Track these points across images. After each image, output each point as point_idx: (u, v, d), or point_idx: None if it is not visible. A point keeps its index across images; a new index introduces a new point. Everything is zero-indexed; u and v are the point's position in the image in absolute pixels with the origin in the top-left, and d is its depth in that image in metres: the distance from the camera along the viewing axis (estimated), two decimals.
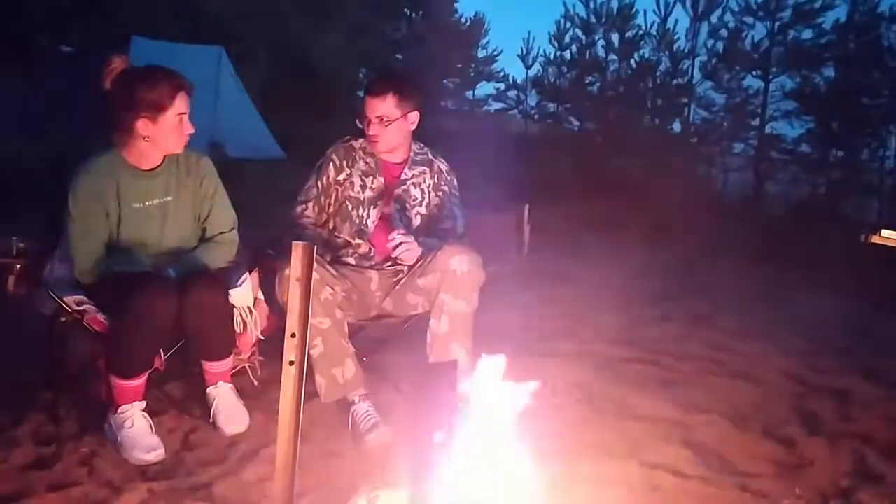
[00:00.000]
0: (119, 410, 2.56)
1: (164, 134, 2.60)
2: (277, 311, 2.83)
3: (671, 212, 7.20)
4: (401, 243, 2.81)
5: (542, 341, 3.84)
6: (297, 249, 1.95)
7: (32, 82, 11.20)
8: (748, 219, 8.10)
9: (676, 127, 14.83)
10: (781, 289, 5.38)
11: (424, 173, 3.07)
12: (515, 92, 19.96)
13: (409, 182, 3.05)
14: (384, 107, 2.92)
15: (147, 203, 2.69)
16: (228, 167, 2.91)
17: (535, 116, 18.85)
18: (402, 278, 2.94)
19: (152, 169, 2.70)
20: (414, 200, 3.04)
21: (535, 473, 2.06)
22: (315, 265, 2.67)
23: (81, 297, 2.62)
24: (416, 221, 3.03)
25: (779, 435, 2.92)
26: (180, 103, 2.62)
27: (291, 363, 1.94)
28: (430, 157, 3.13)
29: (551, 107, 18.10)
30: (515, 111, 19.94)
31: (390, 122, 2.92)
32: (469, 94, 23.01)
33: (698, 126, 14.42)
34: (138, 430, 2.55)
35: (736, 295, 5.14)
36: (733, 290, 5.25)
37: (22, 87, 11.17)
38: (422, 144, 3.14)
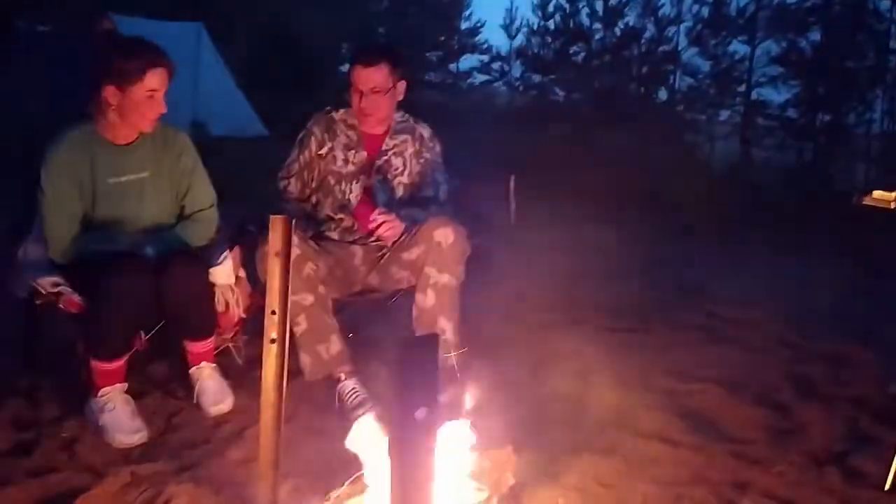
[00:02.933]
0: (100, 394, 2.50)
1: (130, 107, 2.51)
2: (260, 289, 2.77)
3: (659, 180, 7.15)
4: (382, 223, 2.74)
5: (532, 312, 3.81)
6: (275, 224, 1.89)
7: (9, 62, 10.99)
8: (736, 186, 8.07)
9: (662, 95, 14.78)
10: (772, 255, 5.36)
11: (406, 142, 3.00)
12: (500, 63, 19.81)
13: (390, 152, 2.97)
14: (378, 77, 2.82)
15: (123, 178, 2.60)
16: (211, 146, 2.84)
17: (521, 88, 18.73)
18: (386, 252, 2.88)
19: (127, 144, 2.62)
20: (395, 170, 2.97)
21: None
22: (297, 240, 2.63)
23: (57, 279, 2.54)
24: (399, 191, 2.96)
25: (772, 401, 2.91)
26: (152, 80, 2.52)
27: (273, 341, 1.88)
28: (412, 123, 3.05)
29: (536, 78, 17.98)
30: (500, 83, 19.82)
31: (384, 93, 2.84)
32: (453, 66, 22.81)
33: (684, 93, 14.37)
34: (120, 413, 2.49)
35: (726, 262, 5.12)
36: (723, 258, 5.24)
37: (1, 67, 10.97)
38: (403, 112, 3.06)
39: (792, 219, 6.44)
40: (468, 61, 21.69)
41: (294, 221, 1.91)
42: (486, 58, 20.83)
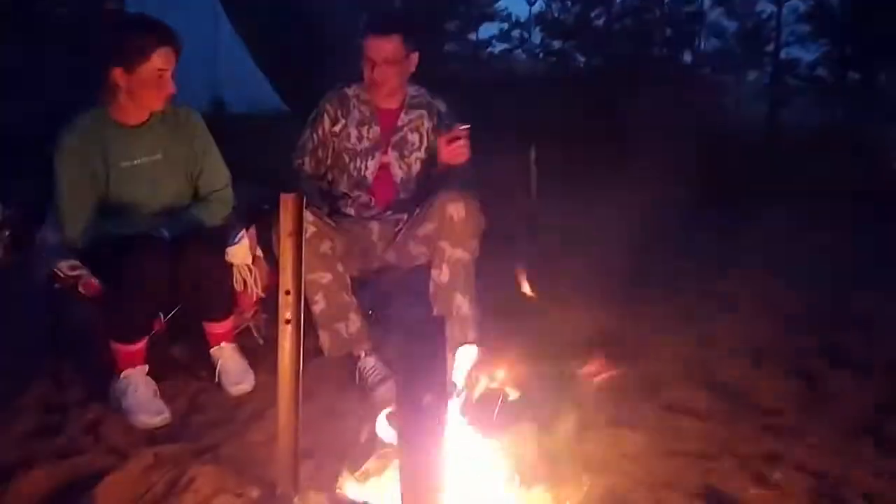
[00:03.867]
0: (122, 376, 2.51)
1: (140, 88, 2.49)
2: (277, 268, 2.74)
3: (685, 146, 7.00)
4: (460, 142, 2.70)
5: (555, 285, 3.74)
6: (286, 202, 1.86)
7: (31, 47, 11.04)
8: (764, 149, 7.90)
9: (687, 57, 14.47)
10: (802, 219, 5.23)
11: (422, 117, 2.94)
12: (519, 31, 19.53)
13: (405, 128, 2.92)
14: (390, 47, 2.77)
15: (136, 161, 2.59)
16: (231, 123, 2.81)
17: (541, 55, 18.47)
18: (402, 228, 2.84)
19: (138, 125, 2.59)
20: (412, 146, 2.92)
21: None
22: (313, 218, 2.60)
23: (75, 263, 2.54)
24: (416, 167, 2.91)
25: (802, 370, 2.84)
26: (160, 59, 2.49)
27: (288, 321, 1.86)
28: (429, 98, 2.99)
29: (556, 44, 17.71)
30: (520, 51, 19.55)
31: (396, 64, 2.78)
32: (472, 36, 22.53)
33: (710, 55, 14.05)
34: (142, 395, 2.50)
35: (754, 229, 5.00)
36: (752, 224, 5.11)
37: (21, 52, 11.01)
38: (418, 87, 3.00)
39: (822, 182, 6.27)
40: (487, 30, 21.43)
41: (308, 199, 1.88)
42: (505, 25, 20.56)
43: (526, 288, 2.40)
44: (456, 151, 2.74)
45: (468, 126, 2.73)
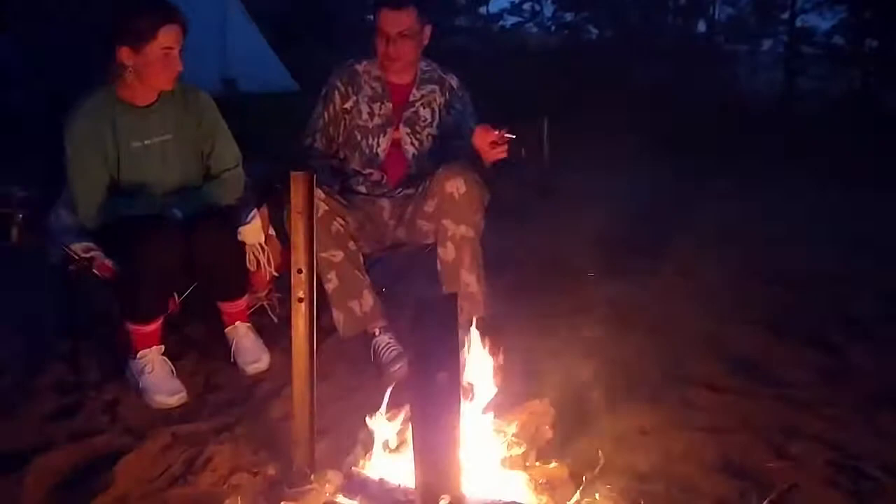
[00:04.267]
0: (138, 356, 2.52)
1: (147, 67, 2.47)
2: (290, 247, 2.74)
3: (699, 117, 6.93)
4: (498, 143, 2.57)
5: (569, 258, 3.72)
6: (296, 181, 1.85)
7: (33, 26, 10.99)
8: (780, 118, 7.79)
9: (701, 27, 14.22)
10: (818, 189, 5.17)
11: (434, 92, 2.90)
12: (531, 3, 19.28)
13: (418, 103, 2.88)
14: (406, 20, 2.71)
15: (146, 142, 2.58)
16: (241, 103, 2.80)
17: (552, 28, 18.24)
18: (411, 204, 2.81)
19: (147, 106, 2.58)
20: (424, 122, 2.88)
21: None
22: (324, 197, 2.59)
23: (89, 244, 2.54)
24: (428, 143, 2.88)
25: (821, 341, 2.82)
26: (166, 37, 2.46)
27: (301, 300, 1.86)
28: (441, 74, 2.94)
29: (568, 16, 17.47)
30: (532, 24, 19.31)
31: (412, 37, 2.74)
32: (483, 9, 22.27)
33: (724, 24, 13.80)
34: (159, 375, 2.51)
35: (770, 198, 4.95)
36: (767, 194, 5.06)
37: (28, 34, 10.98)
38: (430, 61, 2.95)
39: (840, 151, 6.18)
40: (498, 2, 21.17)
41: (319, 178, 1.86)
42: None
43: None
44: (496, 153, 2.66)
45: (514, 136, 2.64)
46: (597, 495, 1.74)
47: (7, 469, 2.06)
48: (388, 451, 1.73)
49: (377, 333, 2.68)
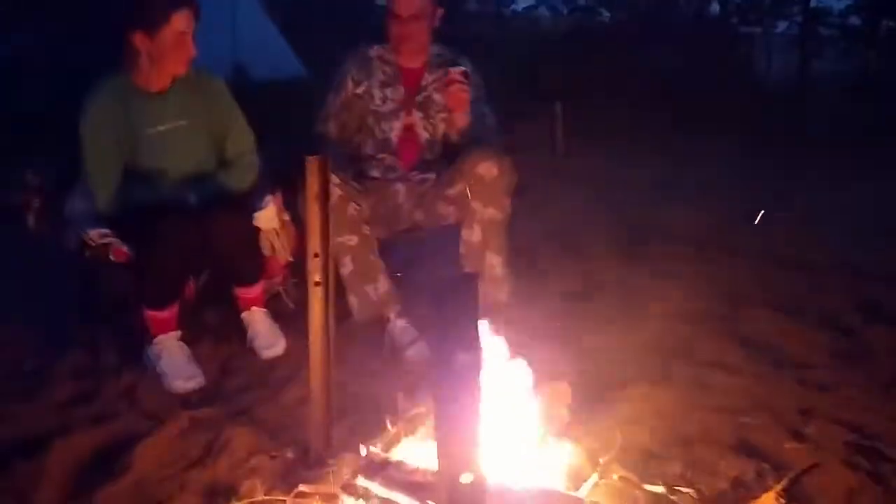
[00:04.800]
0: (155, 341, 2.54)
1: (161, 52, 2.47)
2: (305, 232, 2.75)
3: (712, 100, 6.86)
4: (458, 83, 2.65)
5: (583, 242, 3.72)
6: (311, 165, 1.85)
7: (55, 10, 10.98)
8: (796, 101, 7.72)
9: (714, 8, 14.04)
10: (834, 172, 5.12)
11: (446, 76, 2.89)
12: None
13: (430, 87, 2.88)
14: (418, 1, 2.71)
15: (160, 128, 2.59)
16: (252, 88, 2.80)
17: (564, 12, 18.07)
18: (430, 188, 2.81)
19: (162, 91, 2.59)
20: (437, 106, 2.87)
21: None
22: (338, 181, 2.59)
23: (104, 230, 2.55)
24: (442, 128, 2.88)
25: (836, 324, 2.80)
26: (179, 21, 2.47)
27: (317, 283, 1.87)
28: (452, 57, 2.93)
29: (581, 0, 17.31)
30: (544, 7, 19.14)
31: (423, 19, 2.73)
32: None
33: (738, 5, 13.61)
34: (176, 360, 2.53)
35: (786, 182, 4.91)
36: (782, 178, 5.02)
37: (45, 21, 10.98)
38: (442, 46, 2.95)
39: (855, 134, 6.11)
40: None
41: (333, 163, 1.86)
42: None
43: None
44: (454, 96, 2.68)
45: (463, 69, 2.67)
46: (615, 476, 1.74)
47: (27, 452, 2.09)
48: (407, 434, 1.74)
49: (392, 318, 2.69)
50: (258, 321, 2.72)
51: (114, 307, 2.75)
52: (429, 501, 1.43)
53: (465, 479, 0.93)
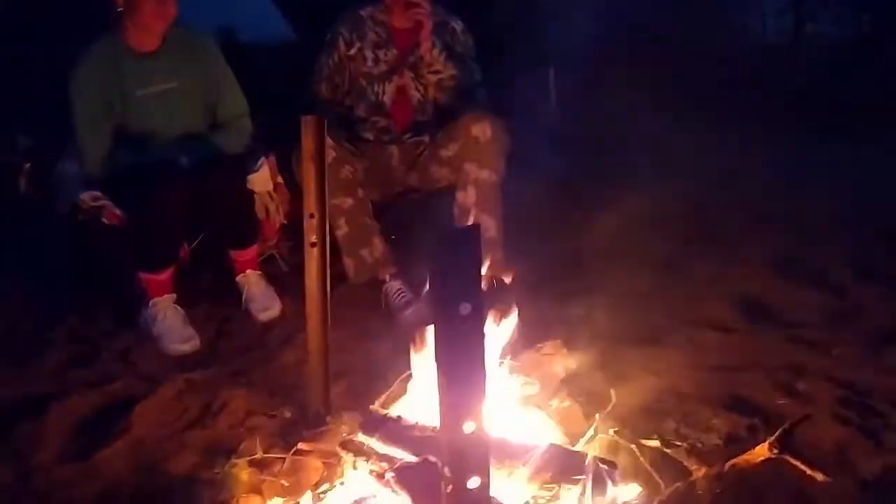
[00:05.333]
0: (150, 304, 2.55)
1: (137, 7, 2.43)
2: (299, 195, 2.74)
3: (706, 63, 6.82)
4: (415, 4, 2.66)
5: (578, 206, 3.71)
6: (307, 125, 1.84)
7: None
8: (788, 65, 7.68)
9: None
10: (826, 135, 5.12)
11: (439, 36, 2.86)
12: None
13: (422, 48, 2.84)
14: None
15: (151, 89, 2.56)
16: (239, 51, 2.77)
17: None
18: (424, 150, 2.80)
19: (152, 52, 2.55)
20: (428, 67, 2.84)
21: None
22: (332, 144, 2.57)
23: (97, 193, 2.55)
24: (433, 88, 2.85)
25: (828, 283, 2.82)
26: None
27: (313, 244, 1.87)
28: (444, 17, 2.90)
29: None
30: None
31: None
32: None
33: None
34: (172, 322, 2.53)
35: (778, 145, 4.90)
36: (776, 140, 5.01)
37: None
38: (436, 5, 2.91)
39: (848, 97, 6.10)
40: None
41: (327, 124, 1.85)
42: None
43: None
44: (413, 20, 2.69)
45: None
46: (611, 431, 1.76)
47: (26, 415, 2.10)
48: (405, 391, 1.76)
49: (387, 280, 2.70)
50: (253, 284, 2.72)
51: (107, 270, 2.74)
52: (428, 455, 1.45)
53: (468, 428, 0.94)
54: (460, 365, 0.92)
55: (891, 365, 2.23)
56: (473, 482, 0.97)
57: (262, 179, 2.72)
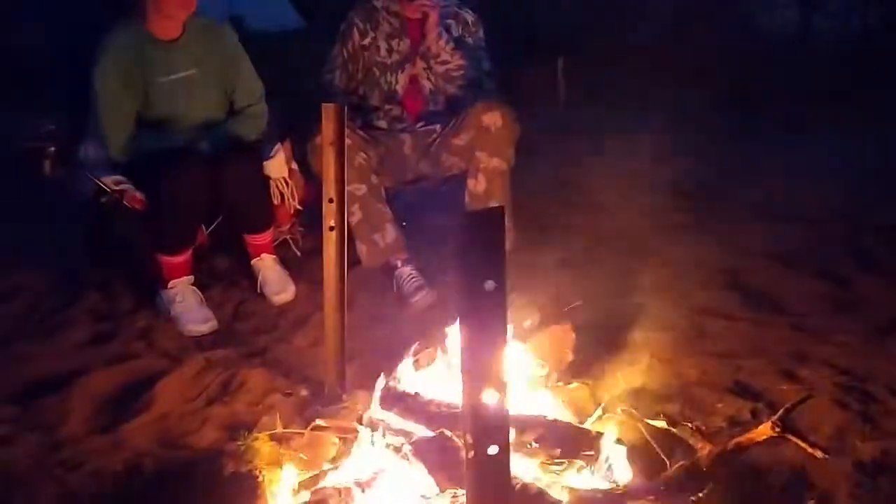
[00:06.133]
0: (169, 286, 2.61)
1: None
2: (313, 181, 2.80)
3: (713, 54, 6.84)
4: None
5: (583, 194, 3.77)
6: (327, 111, 1.89)
7: None
8: (795, 57, 7.69)
9: None
10: (831, 127, 5.15)
11: (450, 26, 2.91)
12: None
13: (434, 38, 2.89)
14: None
15: (172, 76, 2.61)
16: (249, 40, 2.81)
17: None
18: (436, 138, 2.86)
19: (174, 40, 2.61)
20: (435, 57, 2.89)
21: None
22: (347, 131, 2.62)
23: (119, 177, 2.60)
24: (441, 78, 2.90)
25: (831, 273, 2.87)
26: None
27: (332, 228, 1.93)
28: (456, 8, 2.95)
29: None
30: None
31: None
32: None
33: None
34: (189, 304, 2.60)
35: (783, 137, 4.95)
36: (780, 132, 5.05)
37: None
38: None
39: (853, 90, 6.12)
40: None
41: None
42: None
43: None
44: (418, 7, 2.74)
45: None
46: (619, 409, 1.83)
47: (52, 390, 2.17)
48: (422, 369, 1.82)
49: (399, 265, 2.76)
50: (268, 268, 2.78)
51: (127, 252, 2.80)
52: (444, 429, 1.52)
53: (490, 397, 1.00)
54: (483, 337, 0.98)
55: (891, 354, 2.29)
56: (493, 449, 1.04)
57: (277, 165, 2.78)
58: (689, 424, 1.80)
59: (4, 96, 3.91)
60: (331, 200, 1.91)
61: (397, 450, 1.57)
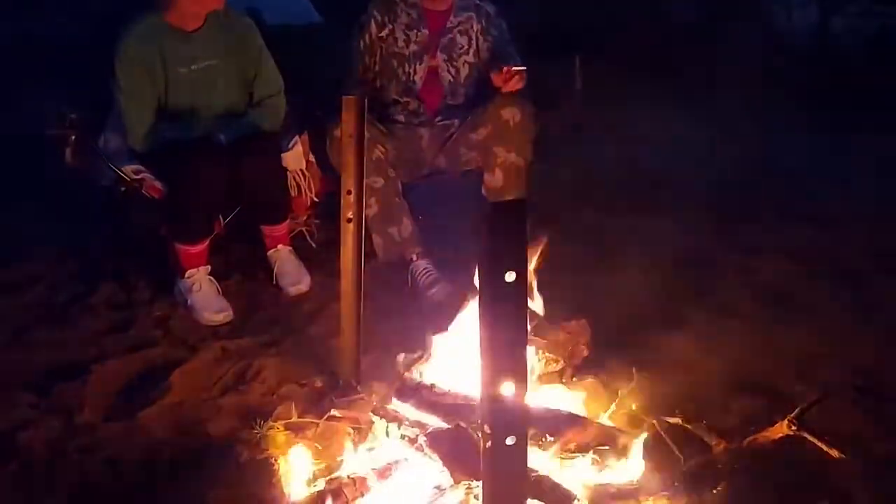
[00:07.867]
0: (186, 275, 2.62)
1: None
2: (330, 174, 2.81)
3: (731, 56, 6.80)
4: (515, 76, 2.65)
5: (599, 190, 3.76)
6: (348, 104, 1.90)
7: None
8: (814, 58, 7.63)
9: None
10: (851, 129, 5.11)
11: (471, 19, 2.91)
12: None
13: (455, 30, 2.90)
14: None
15: (193, 67, 2.63)
16: (267, 34, 2.82)
17: None
18: (453, 133, 2.86)
19: (195, 30, 2.62)
20: (461, 49, 2.90)
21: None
22: (365, 124, 2.63)
23: (138, 167, 2.62)
24: (465, 71, 2.90)
25: (850, 274, 2.85)
26: None
27: (349, 220, 1.93)
28: (477, 1, 2.95)
29: None
30: None
31: None
32: None
33: None
34: (206, 293, 2.61)
35: (802, 138, 4.91)
36: (799, 134, 5.01)
37: None
38: None
39: (873, 92, 6.07)
40: None
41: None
42: None
43: None
44: (512, 86, 2.70)
45: (524, 67, 2.68)
46: (633, 406, 1.83)
47: (71, 376, 2.20)
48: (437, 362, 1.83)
49: (415, 259, 2.76)
50: (284, 259, 2.80)
51: (144, 241, 2.82)
52: (460, 421, 1.52)
53: (508, 388, 1.01)
54: (503, 328, 0.99)
55: None
56: (511, 440, 1.04)
57: (294, 157, 2.79)
58: (704, 422, 1.80)
59: (28, 84, 3.94)
60: (349, 192, 1.92)
61: (412, 441, 1.57)
